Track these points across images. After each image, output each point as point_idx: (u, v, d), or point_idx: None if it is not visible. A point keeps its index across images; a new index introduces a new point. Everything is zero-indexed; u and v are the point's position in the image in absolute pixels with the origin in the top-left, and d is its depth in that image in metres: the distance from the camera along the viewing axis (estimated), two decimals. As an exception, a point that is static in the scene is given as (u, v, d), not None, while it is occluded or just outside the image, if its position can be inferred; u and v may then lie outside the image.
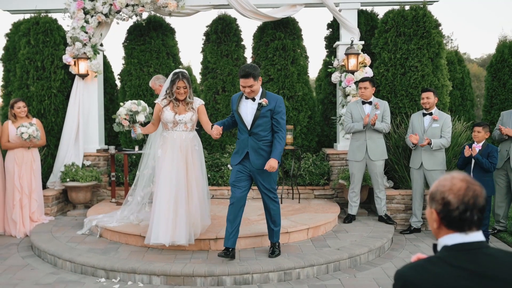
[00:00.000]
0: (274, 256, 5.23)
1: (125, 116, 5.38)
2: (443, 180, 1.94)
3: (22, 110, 6.84)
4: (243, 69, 4.86)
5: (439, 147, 6.37)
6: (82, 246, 5.84)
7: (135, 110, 5.41)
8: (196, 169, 5.48)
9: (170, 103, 5.41)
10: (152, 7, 7.78)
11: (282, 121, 5.03)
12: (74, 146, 7.92)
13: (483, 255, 1.86)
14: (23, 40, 8.10)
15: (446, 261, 1.86)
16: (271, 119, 5.02)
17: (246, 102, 5.07)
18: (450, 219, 1.87)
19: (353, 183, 6.83)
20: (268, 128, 5.05)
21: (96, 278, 5.12)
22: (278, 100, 5.03)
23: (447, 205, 1.87)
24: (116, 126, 5.53)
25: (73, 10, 7.83)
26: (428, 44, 7.60)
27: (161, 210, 5.28)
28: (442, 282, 1.82)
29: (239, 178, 5.11)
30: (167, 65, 8.71)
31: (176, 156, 5.36)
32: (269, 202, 5.20)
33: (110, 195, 7.95)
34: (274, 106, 4.99)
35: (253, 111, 5.02)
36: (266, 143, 5.05)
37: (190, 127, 5.48)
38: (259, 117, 4.99)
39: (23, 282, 5.03)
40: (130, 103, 5.44)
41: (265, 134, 5.05)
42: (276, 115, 5.00)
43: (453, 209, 1.86)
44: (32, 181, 6.90)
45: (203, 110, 5.53)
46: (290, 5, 7.99)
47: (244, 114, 5.06)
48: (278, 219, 5.30)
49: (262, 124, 5.01)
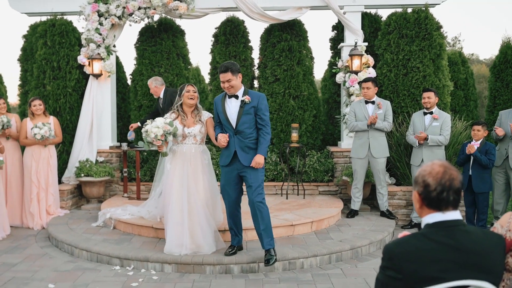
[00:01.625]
0: (270, 264, 5.03)
1: (160, 137, 5.20)
2: (425, 166, 2.22)
3: (38, 108, 7.17)
4: (222, 65, 4.99)
5: (435, 143, 6.60)
6: (97, 236, 6.16)
7: (169, 131, 5.24)
8: (206, 181, 5.47)
9: (179, 116, 5.42)
10: (163, 9, 8.09)
11: (266, 117, 5.07)
12: (88, 143, 8.24)
13: (459, 231, 2.14)
14: (40, 42, 8.44)
15: (427, 236, 2.15)
16: (255, 116, 5.06)
17: (230, 101, 5.12)
18: (430, 199, 2.16)
19: (356, 179, 7.09)
20: (253, 126, 5.09)
21: (111, 266, 5.42)
22: (260, 97, 5.08)
23: (427, 186, 2.15)
24: (146, 145, 5.33)
25: (88, 13, 8.16)
26: (430, 45, 7.85)
27: (173, 225, 5.34)
28: (423, 254, 2.10)
29: (229, 181, 5.20)
30: (177, 66, 9.01)
31: (186, 170, 5.36)
32: (256, 202, 5.06)
33: (122, 190, 8.26)
34: (257, 103, 5.03)
35: (237, 109, 5.07)
36: (252, 141, 5.09)
37: (199, 140, 5.47)
38: (243, 114, 5.04)
39: (43, 269, 5.35)
40: (163, 123, 5.24)
41: (250, 131, 5.09)
42: (259, 111, 5.04)
43: (431, 190, 2.14)
44: (48, 176, 7.24)
45: (211, 122, 5.48)
46: (296, 8, 8.26)
47: (229, 113, 5.11)
48: (268, 221, 5.10)
49: (247, 122, 5.05)
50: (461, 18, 42.34)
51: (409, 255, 2.12)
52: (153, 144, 5.27)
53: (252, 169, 5.05)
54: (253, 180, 5.06)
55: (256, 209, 5.05)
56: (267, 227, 5.07)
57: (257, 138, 5.12)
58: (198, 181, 5.39)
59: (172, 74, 8.96)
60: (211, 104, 8.82)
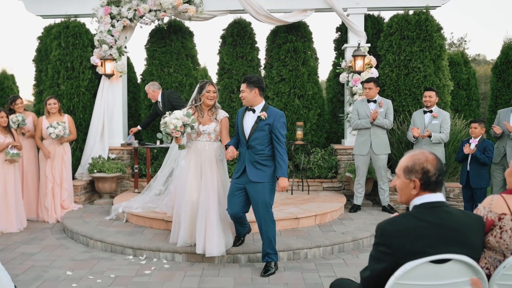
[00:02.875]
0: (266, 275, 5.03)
1: (179, 128, 5.16)
2: (415, 155, 2.50)
3: (53, 107, 7.48)
4: (246, 76, 5.07)
5: (438, 141, 6.86)
6: (110, 229, 6.46)
7: (187, 123, 5.22)
8: (220, 177, 5.46)
9: (195, 113, 5.41)
10: (173, 12, 8.40)
11: (280, 136, 4.94)
12: (100, 140, 8.56)
13: (442, 211, 2.43)
14: (55, 43, 8.77)
15: (414, 215, 2.43)
16: (270, 133, 4.96)
17: (248, 114, 5.08)
18: (429, 183, 2.44)
19: (358, 175, 7.36)
20: (266, 143, 4.98)
21: (125, 256, 5.72)
22: (277, 115, 4.97)
23: (427, 172, 2.44)
24: (165, 136, 5.27)
25: (101, 15, 8.49)
26: (430, 46, 8.12)
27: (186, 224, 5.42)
28: (410, 231, 2.39)
29: (234, 193, 5.13)
30: (186, 66, 9.32)
31: (200, 167, 5.38)
32: (262, 219, 5.03)
33: (133, 186, 8.56)
34: (272, 120, 4.93)
35: (252, 123, 5.01)
36: (262, 157, 4.98)
37: (214, 138, 5.45)
38: (256, 130, 4.96)
39: (60, 258, 5.66)
40: (182, 114, 5.21)
41: (262, 148, 4.98)
42: (274, 129, 4.93)
43: (431, 175, 2.43)
44: (63, 172, 7.56)
45: (225, 123, 5.48)
46: (301, 10, 8.55)
47: (245, 126, 5.06)
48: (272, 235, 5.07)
49: (259, 138, 4.97)
50: (468, 19, 42.38)
51: (398, 232, 2.40)
52: (172, 135, 5.21)
53: (259, 185, 4.98)
54: (260, 195, 4.97)
55: (263, 224, 5.04)
56: (272, 243, 5.07)
57: (270, 156, 5.01)
58: (213, 178, 5.37)
59: (181, 74, 9.27)
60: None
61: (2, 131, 6.87)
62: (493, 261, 2.63)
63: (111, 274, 5.09)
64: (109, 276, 5.04)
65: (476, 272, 2.38)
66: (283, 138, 4.97)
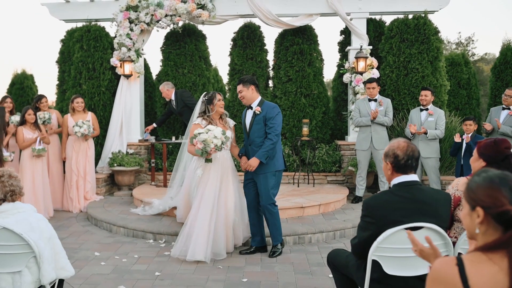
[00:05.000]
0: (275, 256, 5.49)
1: (219, 147, 5.27)
2: (391, 143, 3.07)
3: (80, 105, 8.11)
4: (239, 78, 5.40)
5: (433, 137, 7.39)
6: (131, 217, 7.05)
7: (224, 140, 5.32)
8: (235, 184, 5.67)
9: (210, 123, 5.52)
10: (187, 17, 8.99)
11: (272, 125, 5.24)
12: (119, 136, 9.18)
13: (415, 188, 2.98)
14: (77, 46, 9.39)
15: (393, 192, 3.00)
16: (265, 125, 5.31)
17: (248, 112, 5.50)
18: (399, 166, 2.99)
19: (360, 169, 7.90)
20: (263, 135, 5.33)
21: (146, 240, 6.32)
22: (269, 107, 5.34)
23: (397, 157, 2.99)
24: (202, 152, 5.27)
25: (120, 20, 9.10)
26: (428, 49, 8.66)
27: (201, 230, 5.36)
28: (389, 204, 2.96)
29: (247, 184, 5.61)
30: (199, 67, 9.90)
31: (220, 176, 5.51)
32: (265, 205, 5.41)
33: (150, 179, 9.16)
34: (266, 112, 5.30)
35: (250, 119, 5.45)
36: None
37: (229, 145, 5.61)
38: (254, 124, 5.36)
39: (87, 242, 6.27)
40: (220, 133, 5.28)
41: (260, 140, 5.34)
42: (268, 120, 5.29)
43: (400, 159, 2.98)
44: (86, 165, 8.18)
45: (233, 130, 5.81)
46: (307, 15, 9.10)
47: (246, 123, 5.49)
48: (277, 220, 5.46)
49: (256, 131, 5.35)
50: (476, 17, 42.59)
51: (380, 206, 2.97)
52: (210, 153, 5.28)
53: (261, 176, 5.38)
54: (262, 186, 5.38)
55: (266, 211, 5.45)
56: (276, 225, 5.48)
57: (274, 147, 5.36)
58: (229, 186, 5.57)
59: (195, 75, 9.86)
60: (230, 102, 9.72)
61: (31, 127, 7.49)
62: (460, 230, 3.20)
63: (135, 255, 5.68)
64: (133, 256, 5.64)
65: (443, 238, 2.94)
66: (274, 126, 5.28)
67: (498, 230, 1.73)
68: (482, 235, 1.78)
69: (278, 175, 5.50)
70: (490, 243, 1.72)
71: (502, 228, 1.72)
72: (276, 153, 5.41)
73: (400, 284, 2.94)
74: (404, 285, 2.92)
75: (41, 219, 3.33)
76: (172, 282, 4.79)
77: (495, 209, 1.71)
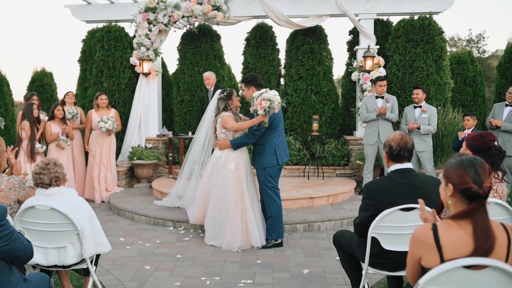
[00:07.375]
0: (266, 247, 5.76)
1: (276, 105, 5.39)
2: (389, 136, 3.50)
3: (104, 102, 8.60)
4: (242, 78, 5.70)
5: (426, 132, 7.74)
6: (151, 206, 7.54)
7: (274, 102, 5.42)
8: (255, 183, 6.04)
9: (234, 115, 5.85)
10: (203, 18, 9.44)
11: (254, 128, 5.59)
12: (138, 131, 9.66)
13: (409, 175, 3.42)
14: (98, 45, 9.89)
15: (390, 178, 3.43)
16: None
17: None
18: (393, 155, 3.43)
19: (367, 162, 8.30)
20: None
21: (166, 227, 6.81)
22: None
23: (391, 147, 3.42)
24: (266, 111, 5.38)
25: (139, 21, 9.58)
26: (432, 48, 9.05)
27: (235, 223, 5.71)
28: (387, 188, 3.39)
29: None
30: (214, 66, 10.35)
31: (246, 167, 5.85)
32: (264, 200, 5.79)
33: (167, 172, 9.65)
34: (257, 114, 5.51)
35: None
36: (257, 145, 5.75)
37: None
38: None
39: (112, 229, 6.77)
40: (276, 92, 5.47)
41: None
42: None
43: (394, 150, 3.42)
44: (109, 158, 8.68)
45: None
46: (317, 16, 9.51)
47: None
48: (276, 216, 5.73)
49: (253, 127, 5.64)
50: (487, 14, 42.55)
51: (379, 189, 3.42)
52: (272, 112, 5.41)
53: (259, 170, 5.77)
54: (260, 179, 5.79)
55: (265, 205, 5.83)
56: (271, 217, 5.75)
57: (262, 144, 5.69)
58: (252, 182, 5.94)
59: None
60: (242, 99, 10.11)
61: (59, 122, 8.00)
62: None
63: (157, 240, 6.17)
64: (155, 241, 6.13)
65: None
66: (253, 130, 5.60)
67: (465, 202, 2.20)
68: (453, 206, 2.25)
69: (269, 170, 5.72)
70: (458, 213, 2.20)
71: (467, 201, 2.18)
72: (265, 150, 5.70)
73: (396, 258, 3.39)
74: (399, 259, 3.36)
75: (82, 201, 3.81)
76: (192, 263, 5.27)
77: (461, 186, 2.18)
